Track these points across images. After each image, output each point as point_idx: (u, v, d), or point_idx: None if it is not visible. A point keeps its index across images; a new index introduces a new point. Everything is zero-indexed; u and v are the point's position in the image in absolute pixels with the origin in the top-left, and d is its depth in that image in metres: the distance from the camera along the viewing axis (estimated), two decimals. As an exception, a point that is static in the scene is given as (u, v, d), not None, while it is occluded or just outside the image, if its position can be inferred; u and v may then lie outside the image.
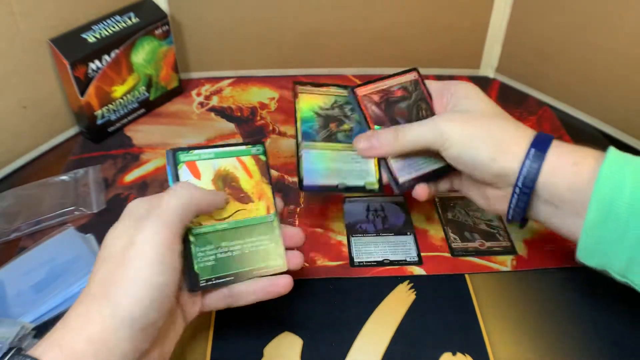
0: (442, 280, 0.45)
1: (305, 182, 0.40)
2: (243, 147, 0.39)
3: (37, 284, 0.43)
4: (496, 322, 0.42)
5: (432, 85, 0.45)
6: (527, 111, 0.67)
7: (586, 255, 0.36)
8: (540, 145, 0.36)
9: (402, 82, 0.43)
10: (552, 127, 0.64)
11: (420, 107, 0.42)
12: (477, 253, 0.47)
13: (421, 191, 0.41)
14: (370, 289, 0.44)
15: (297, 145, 0.42)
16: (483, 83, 0.72)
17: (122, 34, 0.58)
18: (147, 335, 0.30)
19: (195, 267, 0.35)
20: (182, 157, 0.37)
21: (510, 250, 0.48)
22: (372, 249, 0.48)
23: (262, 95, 0.69)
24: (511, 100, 0.69)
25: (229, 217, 0.37)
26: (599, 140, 0.62)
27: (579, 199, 0.35)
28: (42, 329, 0.39)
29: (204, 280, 0.35)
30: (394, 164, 0.40)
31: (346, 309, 0.42)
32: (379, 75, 0.72)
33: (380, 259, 0.47)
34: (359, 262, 0.46)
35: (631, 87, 0.58)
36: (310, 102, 0.43)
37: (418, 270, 0.46)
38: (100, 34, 0.56)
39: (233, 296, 0.36)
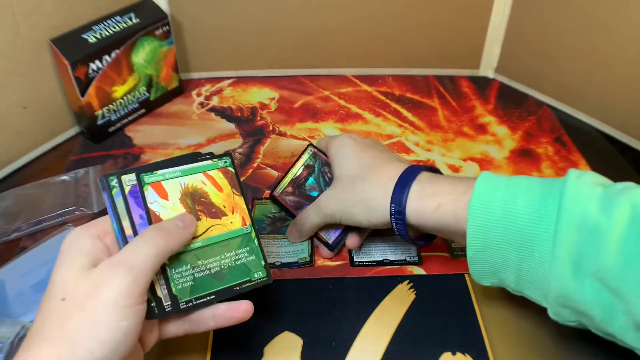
0: (442, 280, 0.45)
1: None
2: (209, 162, 0.38)
3: (37, 284, 0.43)
4: (496, 321, 0.42)
5: (320, 144, 0.48)
6: (527, 111, 0.67)
7: (479, 279, 0.38)
8: (398, 197, 0.38)
9: (304, 161, 0.48)
10: (551, 127, 0.64)
11: (325, 173, 0.47)
12: (477, 253, 0.47)
13: (352, 241, 0.45)
14: (370, 289, 0.44)
15: None
16: (483, 83, 0.72)
17: (123, 34, 0.58)
18: None
19: (173, 289, 0.33)
20: (147, 178, 0.35)
21: (510, 250, 0.48)
22: (372, 249, 0.48)
23: (262, 95, 0.69)
24: (511, 100, 0.69)
25: (203, 234, 0.36)
26: (599, 140, 0.62)
27: (454, 231, 0.37)
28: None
29: (183, 302, 0.34)
30: (322, 233, 0.46)
31: (346, 309, 0.42)
32: (378, 75, 0.73)
33: (380, 259, 0.47)
34: (359, 262, 0.46)
35: (630, 87, 0.59)
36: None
37: (418, 270, 0.46)
38: (100, 34, 0.56)
39: (192, 322, 0.35)
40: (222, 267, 0.36)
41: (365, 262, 0.46)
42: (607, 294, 0.31)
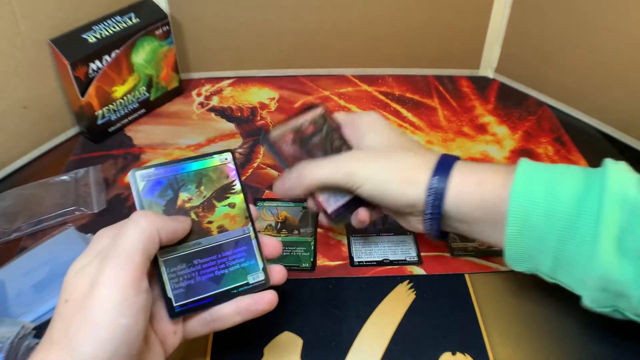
0: (442, 280, 0.45)
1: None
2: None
3: (37, 284, 0.43)
4: (496, 322, 0.42)
5: (340, 117, 0.44)
6: (527, 111, 0.67)
7: (514, 263, 0.38)
8: (441, 171, 0.37)
9: (311, 118, 0.43)
10: (551, 126, 0.64)
11: (333, 138, 0.43)
12: (477, 253, 0.47)
13: (362, 215, 0.42)
14: (370, 289, 0.44)
15: None
16: (483, 83, 0.72)
17: (123, 34, 0.58)
18: None
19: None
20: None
21: (510, 250, 0.48)
22: (372, 249, 0.48)
23: (262, 95, 0.69)
24: (511, 100, 0.69)
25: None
26: (599, 141, 0.62)
27: (490, 216, 0.36)
28: (42, 329, 0.39)
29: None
30: (320, 196, 0.41)
31: (346, 309, 0.42)
32: (378, 75, 0.73)
33: (380, 259, 0.47)
34: (359, 262, 0.46)
35: (630, 87, 0.59)
36: None
37: (418, 270, 0.46)
38: (100, 34, 0.56)
39: (216, 320, 0.34)
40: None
41: (365, 262, 0.46)
42: None
